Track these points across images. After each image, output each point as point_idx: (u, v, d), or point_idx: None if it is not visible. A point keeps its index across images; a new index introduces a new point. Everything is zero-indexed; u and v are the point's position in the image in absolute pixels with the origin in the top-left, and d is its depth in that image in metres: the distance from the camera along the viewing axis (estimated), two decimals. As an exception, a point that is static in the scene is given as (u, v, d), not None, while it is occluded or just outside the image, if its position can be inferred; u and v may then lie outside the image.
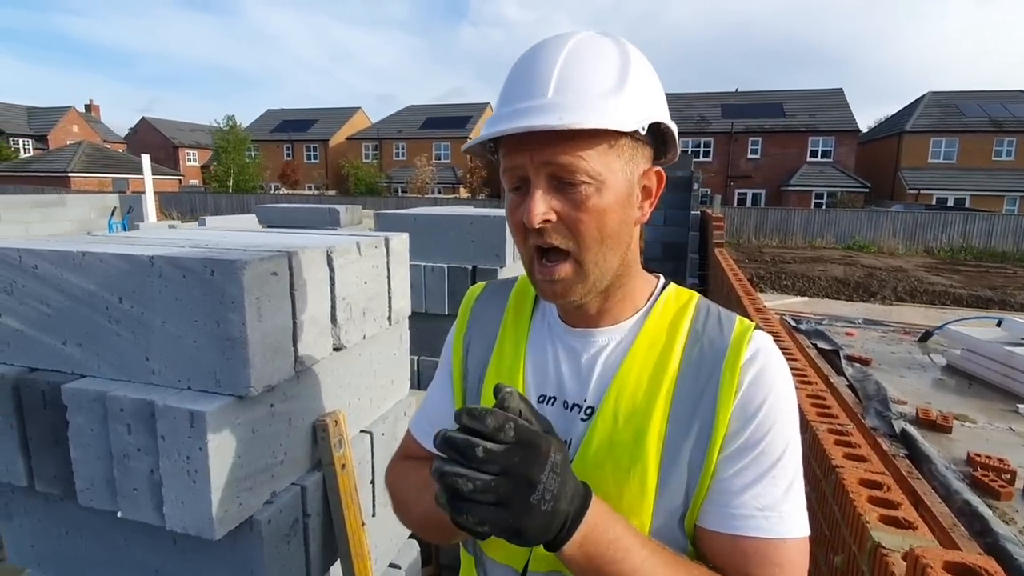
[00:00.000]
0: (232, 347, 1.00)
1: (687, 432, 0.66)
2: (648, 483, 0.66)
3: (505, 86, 0.66)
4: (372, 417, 1.54)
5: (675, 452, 0.66)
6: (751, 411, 0.66)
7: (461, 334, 0.84)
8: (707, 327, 0.71)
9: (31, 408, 1.15)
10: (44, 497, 1.25)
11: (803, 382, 1.95)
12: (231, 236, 1.45)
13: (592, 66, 0.63)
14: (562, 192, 0.63)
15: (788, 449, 0.67)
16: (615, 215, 0.65)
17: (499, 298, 0.84)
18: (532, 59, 0.65)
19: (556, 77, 0.62)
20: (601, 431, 0.68)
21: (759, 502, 0.64)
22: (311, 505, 1.23)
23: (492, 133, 0.62)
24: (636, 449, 0.66)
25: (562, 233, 0.64)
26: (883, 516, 1.17)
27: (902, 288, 12.17)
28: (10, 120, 37.51)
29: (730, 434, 0.66)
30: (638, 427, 0.67)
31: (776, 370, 0.68)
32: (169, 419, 0.99)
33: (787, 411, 0.67)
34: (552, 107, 0.60)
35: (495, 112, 0.66)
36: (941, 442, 4.86)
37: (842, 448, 1.46)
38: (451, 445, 0.52)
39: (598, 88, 0.62)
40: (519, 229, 0.66)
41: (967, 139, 26.63)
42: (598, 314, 0.73)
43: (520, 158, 0.63)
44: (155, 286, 1.03)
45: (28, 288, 1.12)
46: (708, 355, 0.69)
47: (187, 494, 1.00)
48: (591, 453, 0.68)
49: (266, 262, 1.03)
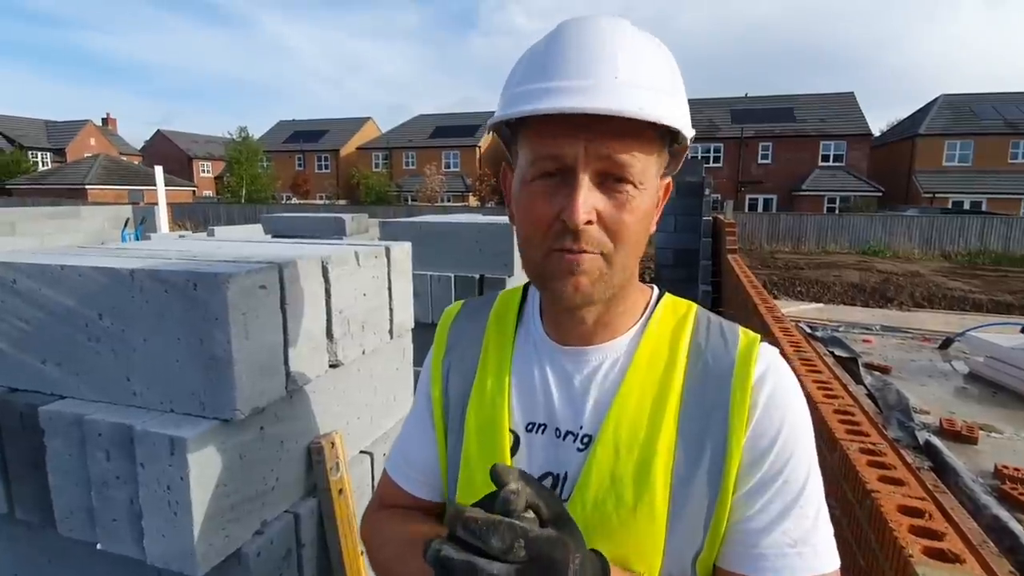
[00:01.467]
0: (216, 367, 0.93)
1: (697, 461, 0.59)
2: (657, 521, 0.58)
3: (544, 57, 0.57)
4: (373, 436, 1.46)
5: (685, 485, 0.59)
6: (768, 439, 0.59)
7: (439, 360, 0.74)
8: (710, 340, 0.64)
9: (10, 431, 1.08)
10: (26, 525, 1.18)
11: (828, 396, 1.85)
12: (226, 247, 1.38)
13: (655, 58, 0.57)
14: (606, 189, 0.56)
15: (811, 474, 0.60)
16: (646, 221, 0.60)
17: (478, 318, 0.75)
18: (584, 31, 0.56)
19: (622, 58, 0.54)
20: (601, 463, 0.60)
21: (789, 537, 0.57)
22: (305, 534, 1.15)
23: (552, 109, 0.52)
24: (641, 483, 0.59)
25: (599, 236, 0.57)
26: (927, 548, 1.06)
27: (920, 293, 11.92)
28: (29, 134, 38.30)
29: (747, 464, 0.59)
30: (642, 458, 0.59)
31: (789, 389, 0.62)
32: (148, 445, 0.92)
33: (805, 433, 0.61)
34: (625, 91, 0.52)
35: (528, 86, 0.56)
36: (967, 453, 4.69)
37: (876, 470, 1.35)
38: (448, 569, 0.43)
39: (664, 84, 0.56)
40: (542, 223, 0.57)
41: (982, 141, 26.23)
42: (595, 326, 0.65)
43: (567, 145, 0.54)
44: (136, 301, 0.97)
45: (7, 304, 1.06)
46: (713, 372, 0.62)
47: (168, 526, 0.93)
48: (591, 488, 0.60)
49: (253, 275, 0.96)
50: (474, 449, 0.67)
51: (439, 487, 0.74)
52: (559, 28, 0.59)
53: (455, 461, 0.69)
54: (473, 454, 0.66)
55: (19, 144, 36.29)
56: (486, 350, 0.71)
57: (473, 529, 0.44)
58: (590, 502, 0.60)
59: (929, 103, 29.39)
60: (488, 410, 0.67)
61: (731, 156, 29.18)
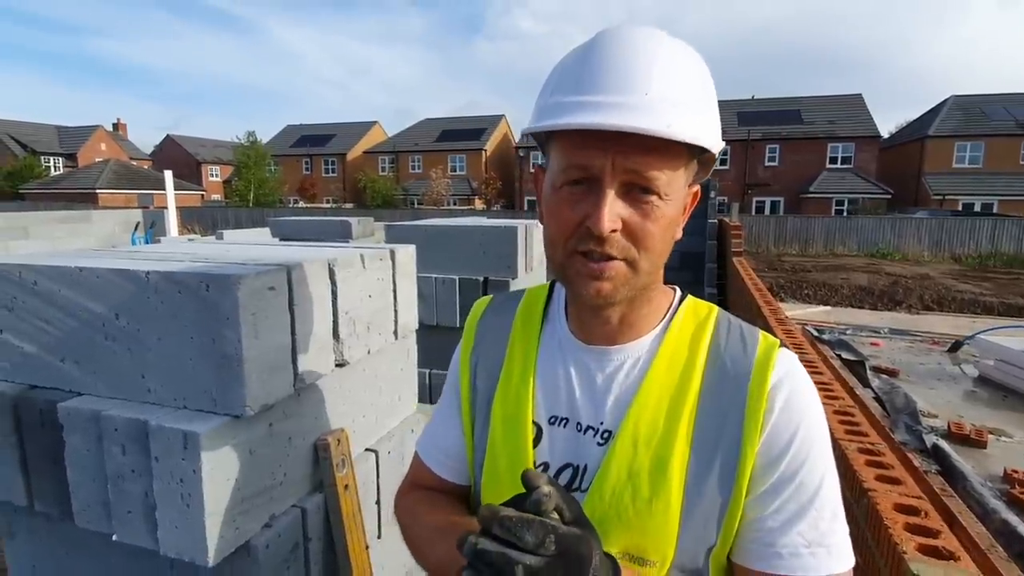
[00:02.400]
0: (227, 365, 0.97)
1: (711, 459, 0.62)
2: (671, 514, 0.61)
3: (578, 70, 0.59)
4: (378, 435, 1.50)
5: (699, 482, 0.62)
6: (784, 442, 0.61)
7: (467, 353, 0.78)
8: (729, 343, 0.67)
9: (30, 427, 1.12)
10: (45, 517, 1.22)
11: (829, 397, 1.86)
12: (236, 250, 1.42)
13: (686, 72, 0.58)
14: (632, 198, 0.59)
15: (826, 476, 0.62)
16: (671, 230, 0.62)
17: (506, 313, 0.78)
18: (619, 46, 0.58)
19: (655, 75, 0.56)
20: (620, 457, 0.63)
21: (804, 538, 0.60)
22: (312, 529, 1.19)
23: (583, 124, 0.54)
24: (658, 478, 0.62)
25: (624, 243, 0.59)
26: (921, 545, 1.08)
27: (929, 296, 11.82)
28: (42, 139, 38.85)
29: (762, 466, 0.61)
30: (659, 454, 0.62)
31: (806, 393, 0.64)
32: (163, 440, 0.95)
33: (821, 437, 0.63)
34: (655, 109, 0.54)
35: (562, 98, 0.58)
36: (976, 457, 4.65)
37: (874, 469, 1.37)
38: (484, 561, 0.48)
39: (695, 99, 0.58)
40: (567, 228, 0.60)
41: (993, 143, 25.98)
42: (619, 326, 0.68)
43: (596, 157, 0.57)
44: (151, 302, 1.01)
45: (27, 305, 1.10)
46: (731, 375, 0.64)
47: (181, 518, 0.96)
48: (609, 481, 0.63)
49: (263, 276, 1.00)
50: (499, 439, 0.70)
51: (465, 472, 0.78)
52: (595, 39, 0.60)
53: (481, 449, 0.73)
54: (498, 443, 0.70)
55: (32, 149, 36.83)
56: (512, 346, 0.74)
57: (508, 526, 0.48)
58: (608, 494, 0.63)
59: (939, 104, 29.16)
60: (513, 403, 0.70)
61: (738, 158, 29.08)
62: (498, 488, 0.69)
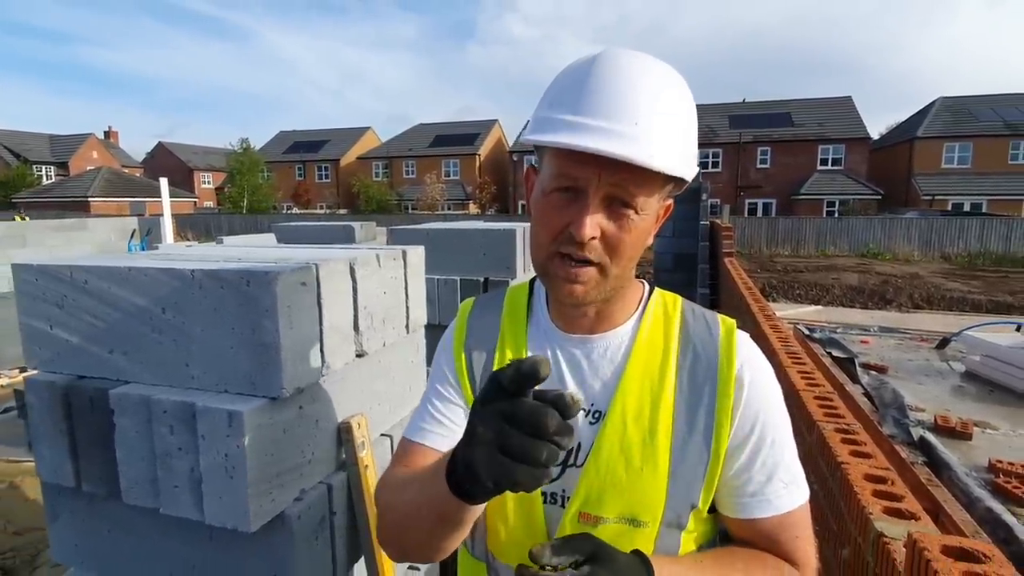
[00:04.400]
0: (266, 352, 1.08)
1: (692, 428, 0.73)
2: (659, 478, 0.71)
3: (575, 90, 0.65)
4: (392, 421, 1.61)
5: (683, 448, 0.72)
6: (754, 417, 0.73)
7: (460, 344, 0.85)
8: (696, 327, 0.78)
9: (79, 413, 1.23)
10: (88, 497, 1.33)
11: (810, 384, 1.99)
12: (259, 251, 1.54)
13: (674, 105, 0.65)
14: (611, 211, 0.66)
15: (786, 425, 0.76)
16: (643, 241, 0.71)
17: (493, 309, 0.87)
18: (615, 73, 0.64)
19: (643, 106, 0.63)
20: (611, 434, 0.73)
21: (783, 480, 0.73)
22: (337, 503, 1.30)
23: (576, 146, 0.61)
24: (647, 448, 0.72)
25: (600, 249, 0.68)
26: (886, 508, 1.20)
27: (919, 295, 12.02)
28: (34, 148, 38.72)
29: (742, 436, 0.73)
30: (647, 427, 0.72)
31: (764, 372, 0.76)
32: (209, 419, 1.07)
33: (778, 397, 0.77)
34: (641, 139, 0.61)
35: (559, 115, 0.65)
36: (961, 449, 4.78)
37: (848, 446, 1.50)
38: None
39: (677, 133, 0.65)
40: (552, 230, 0.68)
41: (981, 143, 26.33)
42: (596, 318, 0.77)
43: (585, 171, 0.64)
44: (195, 297, 1.12)
45: (78, 302, 1.22)
46: (701, 354, 0.75)
47: (225, 489, 1.08)
48: (603, 455, 0.73)
49: (296, 273, 1.12)
50: None
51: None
52: (595, 62, 0.66)
53: None
54: None
55: (24, 158, 36.70)
56: (503, 337, 0.82)
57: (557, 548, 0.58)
58: (603, 466, 0.72)
59: (927, 106, 29.54)
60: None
61: (730, 161, 29.37)
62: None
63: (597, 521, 0.73)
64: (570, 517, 0.74)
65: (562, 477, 0.75)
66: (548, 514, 0.76)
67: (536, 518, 0.76)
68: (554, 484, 0.76)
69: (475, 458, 0.52)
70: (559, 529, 0.74)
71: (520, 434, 0.49)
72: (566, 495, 0.75)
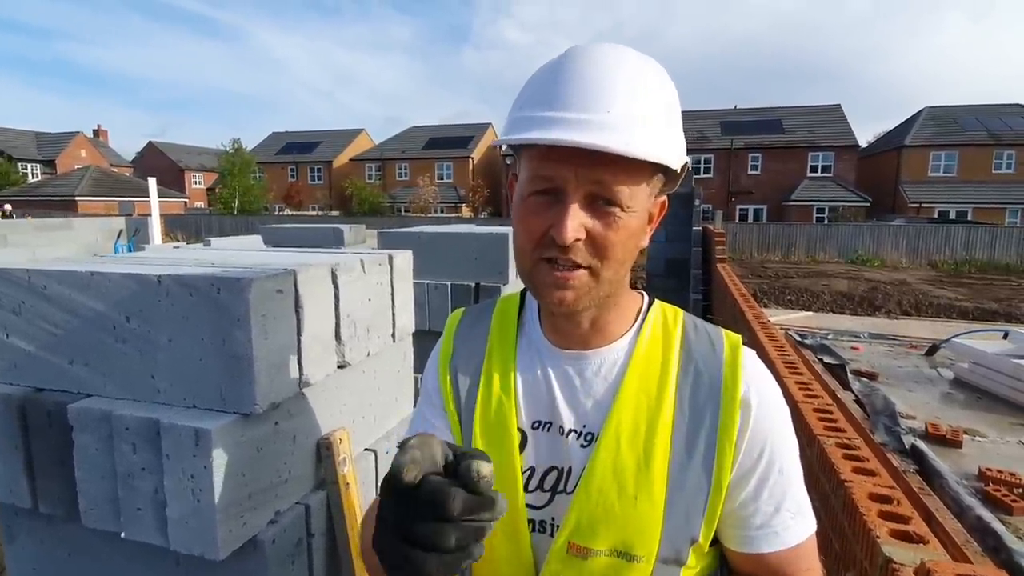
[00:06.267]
0: (238, 364, 1.01)
1: (691, 454, 0.66)
2: (656, 509, 0.65)
3: (547, 86, 0.61)
4: (376, 435, 1.54)
5: (681, 476, 0.66)
6: (761, 444, 0.67)
7: (446, 362, 0.79)
8: (698, 345, 0.71)
9: (36, 428, 1.15)
10: (47, 518, 1.24)
11: (809, 395, 1.94)
12: (237, 255, 1.46)
13: (652, 90, 0.61)
14: (595, 209, 0.61)
15: (794, 453, 0.70)
16: (635, 240, 0.65)
17: (480, 323, 0.80)
18: (586, 64, 0.60)
19: (619, 94, 0.58)
20: (604, 458, 0.66)
21: (789, 512, 0.68)
22: (315, 524, 1.22)
23: (546, 140, 0.57)
24: (642, 475, 0.65)
25: (587, 251, 0.62)
26: (894, 531, 1.15)
27: (907, 302, 12.10)
28: (19, 146, 38.11)
29: (745, 468, 0.67)
30: (642, 452, 0.66)
31: (772, 394, 0.70)
32: (174, 437, 0.99)
33: (786, 421, 0.71)
34: (615, 127, 0.57)
35: (530, 113, 0.61)
36: (952, 457, 4.80)
37: (850, 462, 1.44)
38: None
39: (657, 117, 0.60)
40: (534, 236, 0.63)
41: (967, 152, 26.76)
42: (590, 331, 0.71)
43: (561, 169, 0.60)
44: (162, 305, 1.04)
45: (36, 308, 1.13)
46: (704, 373, 0.69)
47: (191, 513, 1.00)
48: (596, 481, 0.66)
49: (271, 279, 1.04)
50: (481, 445, 0.71)
51: None
52: (564, 55, 0.62)
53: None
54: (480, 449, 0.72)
55: (8, 156, 36.12)
56: (490, 353, 0.76)
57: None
58: (595, 493, 0.66)
59: (914, 115, 29.98)
60: (495, 409, 0.72)
61: (721, 167, 29.57)
62: None
63: (587, 553, 0.66)
64: (558, 548, 0.67)
65: (551, 504, 0.69)
66: (536, 544, 0.69)
67: (523, 548, 0.69)
68: (542, 511, 0.69)
69: (383, 547, 0.47)
70: (546, 562, 0.68)
71: (422, 520, 0.44)
72: (555, 523, 0.69)
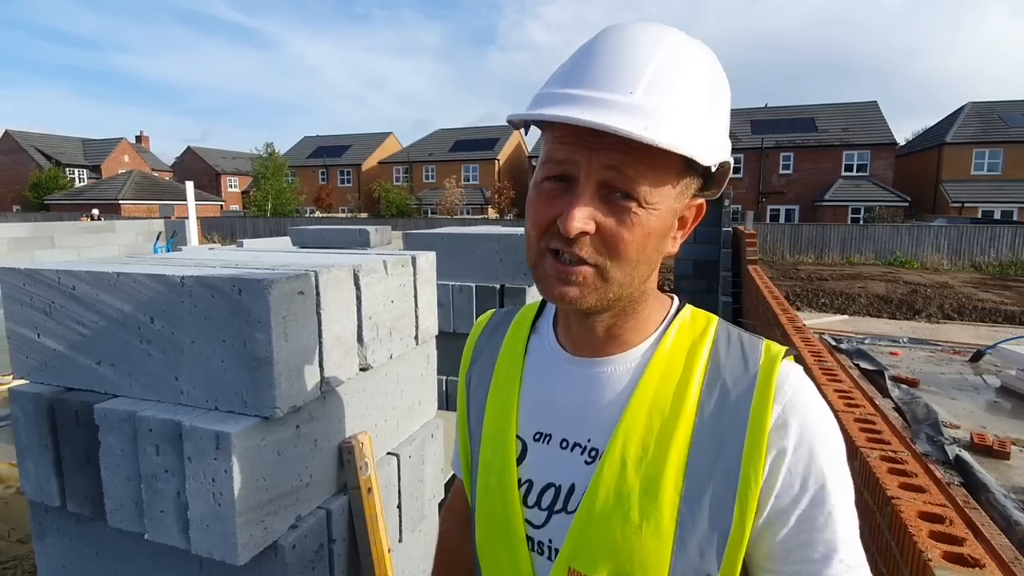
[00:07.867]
0: (258, 367, 0.99)
1: (706, 486, 0.57)
2: (663, 541, 0.57)
3: (576, 62, 0.56)
4: (399, 439, 1.51)
5: (693, 509, 0.57)
6: (801, 480, 0.57)
7: (464, 373, 0.78)
8: (729, 359, 0.62)
9: (65, 428, 1.16)
10: (75, 517, 1.26)
11: (849, 405, 1.85)
12: (262, 256, 1.46)
13: (688, 76, 0.54)
14: (610, 202, 0.55)
15: (847, 487, 0.58)
16: (654, 242, 0.57)
17: (500, 330, 0.77)
18: (620, 41, 0.55)
19: (648, 75, 0.52)
20: (608, 478, 0.59)
21: (845, 564, 0.56)
22: (336, 530, 1.21)
23: (557, 117, 0.51)
24: (648, 502, 0.58)
25: (595, 247, 0.56)
26: (947, 553, 1.07)
27: (949, 305, 11.61)
28: (67, 152, 39.91)
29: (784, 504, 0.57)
30: (650, 476, 0.58)
31: (815, 420, 0.59)
32: (195, 440, 0.98)
33: (838, 450, 0.59)
34: (637, 110, 0.51)
35: (553, 90, 0.55)
36: (999, 469, 4.54)
37: (897, 477, 1.36)
38: None
39: (690, 105, 0.54)
40: (541, 224, 0.57)
41: (1012, 149, 25.58)
42: (605, 338, 0.64)
43: (575, 153, 0.54)
44: (185, 306, 1.04)
45: (66, 309, 1.15)
46: (731, 396, 0.59)
47: (212, 517, 0.99)
48: (598, 503, 0.59)
49: (292, 281, 1.03)
50: (488, 456, 0.69)
51: None
52: (600, 33, 0.57)
53: (476, 466, 0.72)
54: (486, 460, 0.69)
55: (57, 161, 37.81)
56: (499, 362, 0.73)
57: None
58: (596, 517, 0.59)
59: (956, 111, 28.80)
60: (498, 418, 0.69)
61: (752, 167, 28.92)
62: (491, 506, 0.67)
63: None
64: (556, 572, 0.62)
65: (548, 525, 0.63)
66: (536, 566, 0.64)
67: (523, 566, 0.65)
68: (540, 531, 0.64)
69: None
70: None
71: None
72: (553, 547, 0.63)
